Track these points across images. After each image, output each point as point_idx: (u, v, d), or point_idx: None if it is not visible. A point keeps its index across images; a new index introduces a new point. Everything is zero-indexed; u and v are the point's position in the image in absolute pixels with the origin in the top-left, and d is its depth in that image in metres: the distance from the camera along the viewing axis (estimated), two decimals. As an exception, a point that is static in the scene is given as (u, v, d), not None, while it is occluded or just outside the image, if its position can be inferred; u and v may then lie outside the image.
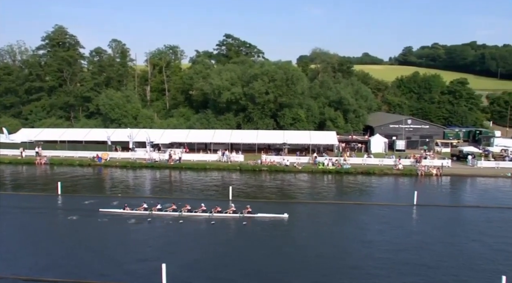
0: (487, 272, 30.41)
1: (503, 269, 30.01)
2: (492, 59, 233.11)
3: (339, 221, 42.40)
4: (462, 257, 33.08)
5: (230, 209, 43.03)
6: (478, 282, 29.00)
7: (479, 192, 57.30)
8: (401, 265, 31.34)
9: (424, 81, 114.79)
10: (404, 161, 68.48)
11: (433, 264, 31.76)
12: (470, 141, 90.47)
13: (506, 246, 35.77)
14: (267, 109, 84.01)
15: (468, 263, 32.04)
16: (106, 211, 43.37)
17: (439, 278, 29.40)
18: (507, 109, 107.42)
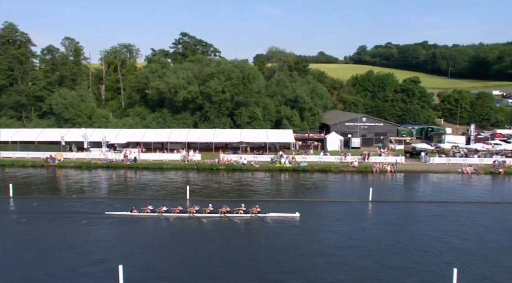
0: (439, 265, 31.27)
1: (455, 262, 30.95)
2: (443, 58, 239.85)
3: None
4: (414, 251, 33.90)
5: (239, 209, 42.74)
6: (431, 275, 29.77)
7: (431, 187, 58.92)
8: (354, 261, 31.92)
9: (378, 80, 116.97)
10: (350, 158, 69.73)
11: (385, 259, 32.44)
12: (422, 138, 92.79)
13: (457, 239, 36.88)
14: (224, 108, 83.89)
15: (421, 257, 32.87)
16: (112, 214, 42.32)
17: (392, 273, 30.06)
18: (457, 107, 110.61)
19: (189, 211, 42.45)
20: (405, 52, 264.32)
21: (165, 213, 42.41)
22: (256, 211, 42.28)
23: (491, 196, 54.13)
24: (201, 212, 42.38)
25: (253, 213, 42.15)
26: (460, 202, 48.93)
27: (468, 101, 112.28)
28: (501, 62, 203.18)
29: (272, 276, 29.10)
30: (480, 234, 38.56)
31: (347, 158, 69.44)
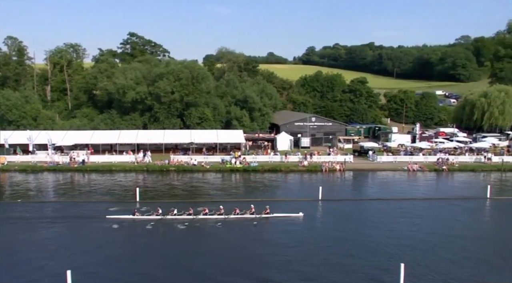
0: (387, 260, 32.10)
1: (402, 257, 31.82)
2: (389, 59, 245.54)
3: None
4: (363, 248, 34.66)
5: (249, 210, 42.74)
6: (378, 271, 30.54)
7: (379, 185, 60.41)
8: (301, 258, 32.42)
9: (326, 80, 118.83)
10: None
11: (334, 256, 33.06)
12: (370, 137, 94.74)
13: (404, 235, 37.98)
14: (174, 109, 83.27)
15: (369, 253, 33.63)
16: (113, 218, 41.49)
17: (339, 270, 30.66)
18: (402, 107, 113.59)
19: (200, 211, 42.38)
20: (353, 53, 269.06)
21: (174, 215, 41.80)
22: (265, 212, 42.60)
23: (436, 192, 56.00)
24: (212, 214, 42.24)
25: (260, 214, 42.36)
26: (407, 199, 50.33)
27: (413, 101, 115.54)
28: (444, 63, 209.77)
29: (219, 277, 29.19)
30: (426, 229, 39.81)
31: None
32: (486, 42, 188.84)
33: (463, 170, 69.13)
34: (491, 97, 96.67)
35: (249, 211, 42.74)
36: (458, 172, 68.45)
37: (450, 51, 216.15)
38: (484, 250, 34.88)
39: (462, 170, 68.94)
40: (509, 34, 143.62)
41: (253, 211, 42.68)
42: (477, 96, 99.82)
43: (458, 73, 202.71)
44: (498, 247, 35.88)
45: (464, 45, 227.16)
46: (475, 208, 48.17)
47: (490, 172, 68.58)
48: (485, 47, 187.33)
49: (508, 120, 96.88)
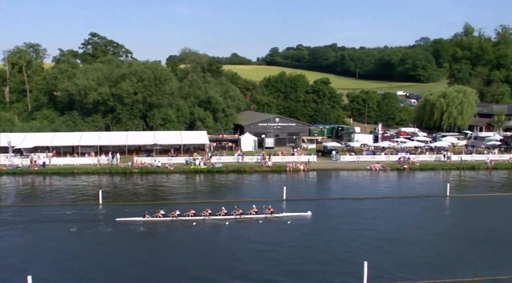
0: (350, 259, 32.57)
1: (361, 255, 32.30)
2: (351, 60, 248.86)
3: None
4: (326, 247, 35.11)
5: (252, 210, 43.37)
6: (342, 269, 30.96)
7: (342, 184, 61.16)
8: (265, 257, 32.65)
9: (290, 81, 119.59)
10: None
11: (298, 255, 33.39)
12: (333, 137, 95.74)
13: (367, 233, 38.63)
14: (136, 110, 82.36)
15: (333, 251, 34.10)
16: (124, 220, 41.11)
17: (301, 269, 30.95)
18: (365, 107, 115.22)
19: (202, 214, 42.39)
20: (316, 54, 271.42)
21: (179, 217, 41.84)
22: (270, 211, 43.27)
23: (398, 191, 56.93)
24: (215, 215, 42.43)
25: (268, 213, 43.06)
26: (369, 198, 51.13)
27: (375, 101, 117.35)
28: (404, 64, 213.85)
29: (196, 274, 29.14)
30: (388, 227, 40.57)
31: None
32: (444, 44, 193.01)
33: (424, 168, 70.62)
34: (450, 97, 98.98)
35: (236, 211, 43.08)
36: (419, 170, 69.87)
37: (410, 52, 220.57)
38: (444, 247, 35.78)
39: (423, 169, 70.42)
40: (466, 37, 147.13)
41: (272, 210, 43.45)
42: (436, 96, 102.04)
43: (418, 74, 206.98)
44: (458, 243, 36.86)
45: (424, 47, 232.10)
46: (435, 206, 49.30)
47: (449, 170, 70.24)
48: (443, 49, 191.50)
49: (466, 120, 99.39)
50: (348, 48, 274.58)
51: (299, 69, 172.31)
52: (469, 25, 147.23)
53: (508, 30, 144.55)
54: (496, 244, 36.55)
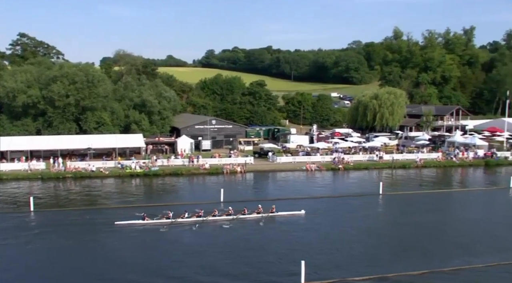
0: (288, 258, 32.96)
1: (302, 254, 32.77)
2: (286, 63, 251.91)
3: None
4: (264, 247, 35.41)
5: (257, 210, 44.37)
6: (279, 268, 31.30)
7: (279, 185, 61.85)
8: (199, 260, 32.50)
9: (226, 83, 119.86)
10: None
11: (234, 256, 33.57)
12: (269, 139, 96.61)
13: (303, 233, 39.25)
14: (69, 113, 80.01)
15: (270, 252, 34.39)
16: (123, 224, 40.69)
17: (241, 270, 31.11)
18: (300, 109, 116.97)
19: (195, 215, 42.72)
20: (252, 57, 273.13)
21: (182, 219, 41.86)
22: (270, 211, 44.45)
23: (333, 190, 58.19)
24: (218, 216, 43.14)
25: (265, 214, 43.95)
26: (306, 198, 51.86)
27: (310, 103, 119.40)
28: (338, 66, 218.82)
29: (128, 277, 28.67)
30: (324, 226, 41.36)
31: (207, 164, 69.65)
32: (375, 47, 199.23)
33: (358, 168, 72.50)
34: (382, 99, 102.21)
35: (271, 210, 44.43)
36: (353, 170, 71.68)
37: (344, 55, 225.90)
38: (376, 243, 36.93)
39: (357, 168, 72.30)
40: (395, 40, 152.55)
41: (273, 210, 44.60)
42: (368, 98, 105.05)
43: (351, 76, 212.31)
44: (389, 239, 38.16)
45: (356, 50, 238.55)
46: (369, 204, 50.70)
47: (382, 169, 72.49)
48: (375, 52, 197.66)
49: (397, 120, 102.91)
50: (283, 50, 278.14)
51: (235, 72, 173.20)
52: (398, 30, 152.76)
53: (434, 34, 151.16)
54: (424, 239, 38.12)
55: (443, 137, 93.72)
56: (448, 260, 32.90)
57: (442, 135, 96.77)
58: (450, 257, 33.74)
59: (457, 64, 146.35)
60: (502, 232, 40.41)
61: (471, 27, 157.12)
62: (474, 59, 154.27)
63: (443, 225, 42.60)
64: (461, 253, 34.59)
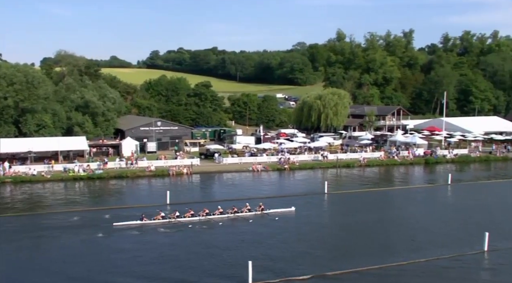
0: (234, 258, 33.17)
1: (249, 254, 33.01)
2: (232, 64, 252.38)
3: (92, 227, 41.20)
4: (211, 249, 35.44)
5: (245, 208, 45.80)
6: (227, 269, 31.46)
7: (226, 186, 61.93)
8: (143, 268, 32.33)
9: (171, 84, 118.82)
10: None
11: (183, 260, 33.52)
12: (216, 140, 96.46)
13: (250, 233, 39.58)
14: (7, 116, 77.22)
15: (217, 252, 34.51)
16: (122, 224, 41.03)
17: (188, 272, 31.15)
18: (246, 110, 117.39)
19: (200, 214, 43.84)
20: (197, 58, 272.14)
21: (177, 218, 42.71)
22: (260, 208, 45.92)
23: (279, 190, 58.78)
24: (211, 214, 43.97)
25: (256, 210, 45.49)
26: (252, 198, 51.86)
27: (255, 104, 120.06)
28: (283, 68, 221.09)
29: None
30: (270, 226, 41.77)
31: (152, 166, 68.65)
32: (319, 48, 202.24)
33: (303, 168, 73.47)
34: (326, 99, 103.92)
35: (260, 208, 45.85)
36: (299, 170, 72.58)
37: (288, 56, 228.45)
38: (321, 242, 37.69)
39: (302, 168, 73.25)
40: (338, 42, 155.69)
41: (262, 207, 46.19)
42: (313, 98, 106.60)
43: (296, 77, 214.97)
44: (333, 237, 39.10)
45: (301, 51, 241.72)
46: (314, 203, 51.52)
47: (326, 168, 73.77)
48: (319, 53, 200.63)
49: (341, 120, 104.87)
50: (228, 51, 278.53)
51: (181, 73, 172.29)
52: (341, 32, 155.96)
53: (375, 37, 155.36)
54: (367, 237, 39.30)
55: (385, 136, 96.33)
56: (388, 257, 33.96)
57: (384, 135, 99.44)
58: (393, 254, 34.83)
59: (398, 65, 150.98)
60: (439, 229, 41.98)
61: (410, 30, 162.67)
62: (414, 61, 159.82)
63: (383, 223, 43.87)
64: (404, 250, 35.94)
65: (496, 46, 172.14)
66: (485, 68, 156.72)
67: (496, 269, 33.00)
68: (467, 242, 37.42)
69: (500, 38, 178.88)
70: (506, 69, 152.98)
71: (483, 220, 44.09)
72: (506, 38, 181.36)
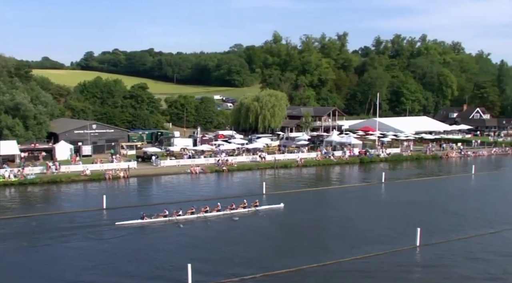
0: (173, 262, 33.11)
1: (189, 257, 32.95)
2: (169, 65, 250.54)
3: (21, 235, 39.89)
4: (147, 251, 35.23)
5: (241, 205, 47.91)
6: (165, 272, 31.44)
7: (164, 189, 61.26)
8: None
9: (106, 86, 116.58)
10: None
11: (119, 266, 33.07)
12: (153, 142, 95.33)
13: (189, 235, 39.56)
14: None
15: (154, 256, 34.31)
16: (124, 224, 41.68)
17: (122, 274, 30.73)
18: (183, 111, 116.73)
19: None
20: (133, 59, 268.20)
21: (179, 216, 43.54)
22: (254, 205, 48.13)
23: (218, 192, 58.81)
24: None
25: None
26: (191, 200, 51.72)
27: (193, 106, 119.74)
28: (220, 69, 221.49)
29: None
30: (210, 228, 41.86)
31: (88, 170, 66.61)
32: (256, 50, 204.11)
33: (241, 169, 73.86)
34: (263, 101, 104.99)
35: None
36: (237, 171, 72.90)
37: (226, 58, 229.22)
38: (259, 242, 38.18)
39: (240, 169, 73.62)
40: (275, 44, 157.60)
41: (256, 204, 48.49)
42: (250, 100, 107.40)
43: (233, 79, 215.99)
44: (270, 238, 39.75)
45: (238, 53, 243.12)
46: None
47: (264, 169, 74.47)
48: (255, 55, 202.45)
49: (279, 122, 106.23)
50: (165, 53, 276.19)
51: (116, 74, 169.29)
52: (277, 34, 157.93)
53: (311, 39, 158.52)
54: (304, 236, 40.16)
55: (322, 137, 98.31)
56: (325, 255, 34.79)
57: (321, 135, 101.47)
58: (329, 252, 35.75)
59: (333, 67, 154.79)
60: (374, 226, 43.39)
61: (344, 33, 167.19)
62: (348, 63, 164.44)
63: (320, 222, 44.95)
64: (340, 247, 37.02)
65: (425, 49, 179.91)
66: (415, 70, 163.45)
67: (427, 263, 34.42)
68: (400, 238, 38.84)
69: (428, 41, 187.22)
70: (434, 71, 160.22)
71: (415, 216, 46.00)
72: (433, 42, 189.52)
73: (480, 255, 35.57)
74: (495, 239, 40.01)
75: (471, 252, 36.40)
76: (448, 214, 48.16)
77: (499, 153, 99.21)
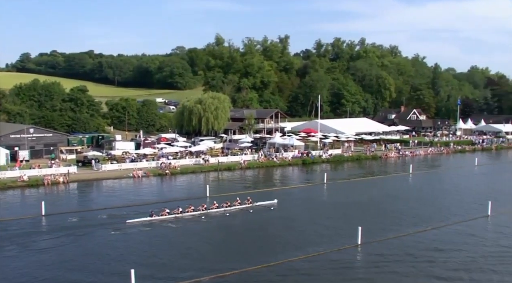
0: (117, 266, 32.78)
1: (133, 261, 32.77)
2: (109, 68, 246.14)
3: None
4: (93, 255, 34.57)
5: (236, 202, 50.25)
6: (109, 277, 31.02)
7: (105, 194, 60.26)
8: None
9: (44, 88, 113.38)
10: None
11: (67, 270, 32.30)
12: (94, 146, 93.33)
13: (134, 239, 39.05)
14: None
15: (100, 259, 33.79)
16: (134, 222, 43.44)
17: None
18: (125, 115, 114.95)
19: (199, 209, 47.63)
20: (72, 61, 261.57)
21: (181, 213, 45.43)
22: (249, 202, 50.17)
23: (161, 196, 58.29)
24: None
25: None
26: (135, 205, 51.20)
27: (135, 109, 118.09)
28: (162, 72, 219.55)
29: None
30: (153, 233, 41.52)
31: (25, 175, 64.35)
32: (198, 53, 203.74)
33: (185, 172, 73.48)
34: (206, 103, 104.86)
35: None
36: (180, 174, 72.47)
37: (168, 60, 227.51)
38: (198, 245, 38.19)
39: (184, 173, 73.24)
40: (217, 47, 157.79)
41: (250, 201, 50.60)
42: (193, 103, 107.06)
43: (176, 81, 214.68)
44: (215, 240, 39.78)
45: (180, 55, 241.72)
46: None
47: (208, 172, 74.42)
48: (198, 58, 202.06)
49: (222, 124, 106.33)
50: (105, 55, 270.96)
51: (54, 77, 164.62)
52: (220, 36, 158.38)
53: (253, 42, 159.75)
54: (247, 238, 40.74)
55: (264, 139, 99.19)
56: (267, 257, 35.21)
57: (264, 137, 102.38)
58: (271, 253, 36.22)
59: (275, 70, 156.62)
60: (316, 226, 44.29)
61: (286, 36, 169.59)
62: (290, 66, 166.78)
63: (263, 224, 45.41)
64: (283, 248, 37.63)
65: (364, 52, 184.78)
66: (355, 73, 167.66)
67: (369, 260, 35.52)
68: (343, 237, 39.84)
69: (367, 45, 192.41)
70: (373, 74, 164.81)
71: (356, 216, 47.28)
72: (372, 45, 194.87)
73: (413, 251, 37.08)
74: (428, 235, 41.70)
75: (407, 247, 38.07)
76: (387, 213, 49.79)
77: (435, 152, 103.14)
